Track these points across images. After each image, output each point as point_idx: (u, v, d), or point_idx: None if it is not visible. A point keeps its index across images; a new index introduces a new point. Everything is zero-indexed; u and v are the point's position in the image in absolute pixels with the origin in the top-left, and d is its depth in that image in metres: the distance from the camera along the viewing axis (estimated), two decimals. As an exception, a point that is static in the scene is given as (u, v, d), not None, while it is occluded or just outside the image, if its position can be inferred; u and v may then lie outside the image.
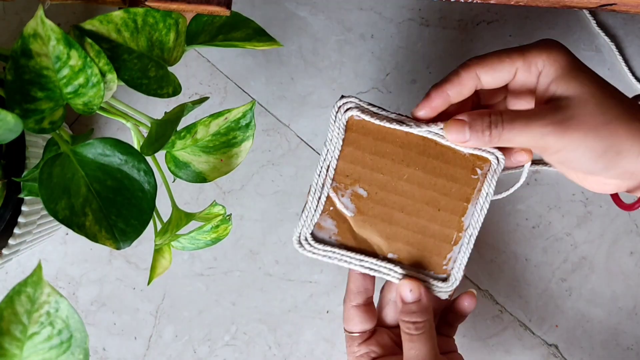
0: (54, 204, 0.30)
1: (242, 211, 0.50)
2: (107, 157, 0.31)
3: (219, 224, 0.38)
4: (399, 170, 0.39)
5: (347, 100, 0.39)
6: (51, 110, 0.30)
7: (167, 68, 0.34)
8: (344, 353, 0.49)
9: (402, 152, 0.39)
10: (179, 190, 0.49)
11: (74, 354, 0.27)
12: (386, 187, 0.39)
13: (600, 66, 0.51)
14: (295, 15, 0.51)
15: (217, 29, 0.38)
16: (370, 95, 0.51)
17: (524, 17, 0.52)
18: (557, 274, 0.50)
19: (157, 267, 0.37)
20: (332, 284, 0.49)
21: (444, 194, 0.39)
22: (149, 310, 0.49)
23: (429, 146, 0.39)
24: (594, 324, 0.49)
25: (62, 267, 0.49)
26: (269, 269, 0.49)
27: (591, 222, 0.50)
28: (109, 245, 0.31)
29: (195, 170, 0.38)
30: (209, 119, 0.36)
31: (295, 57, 0.51)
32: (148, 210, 0.32)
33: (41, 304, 0.26)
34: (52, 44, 0.28)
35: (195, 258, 0.49)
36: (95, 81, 0.29)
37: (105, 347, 0.49)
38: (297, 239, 0.39)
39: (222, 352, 0.49)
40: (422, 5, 0.51)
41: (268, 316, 0.49)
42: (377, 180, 0.39)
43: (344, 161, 0.40)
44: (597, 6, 0.40)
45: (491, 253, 0.50)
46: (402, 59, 0.51)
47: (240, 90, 0.51)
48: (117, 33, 0.31)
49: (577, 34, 0.52)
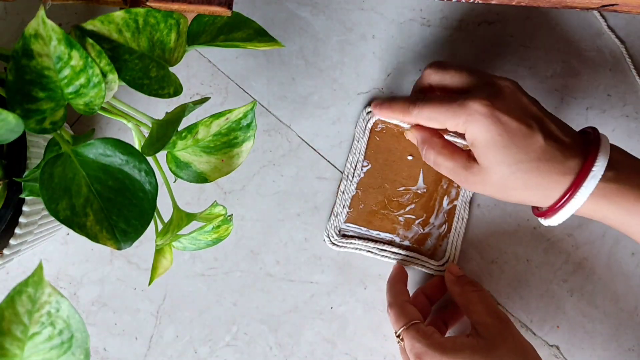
0: (55, 204, 0.30)
1: (243, 211, 0.50)
2: (108, 157, 0.31)
3: (220, 224, 0.38)
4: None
5: (370, 110, 0.50)
6: (52, 111, 0.30)
7: (168, 68, 0.34)
8: (344, 354, 0.49)
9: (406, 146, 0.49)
10: (180, 191, 0.49)
11: (75, 354, 0.27)
12: (397, 180, 0.49)
13: (602, 67, 0.51)
14: (296, 16, 0.51)
15: (218, 30, 0.38)
16: (371, 95, 0.51)
17: (525, 17, 0.52)
18: (559, 274, 0.50)
19: (158, 267, 0.37)
20: (333, 284, 0.49)
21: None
22: (150, 311, 0.49)
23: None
24: (595, 325, 0.49)
25: (63, 267, 0.49)
26: (270, 270, 0.49)
27: (592, 223, 0.50)
28: (110, 245, 0.31)
29: (196, 170, 0.38)
30: (210, 119, 0.36)
31: (296, 58, 0.51)
32: (149, 210, 0.32)
33: (42, 304, 0.26)
34: (53, 44, 0.28)
35: (196, 258, 0.49)
36: (97, 81, 0.29)
37: (106, 347, 0.49)
38: (327, 237, 0.49)
39: (223, 352, 0.49)
40: (424, 6, 0.51)
41: (269, 316, 0.49)
42: (390, 175, 0.49)
43: (369, 161, 0.50)
44: (599, 7, 0.40)
45: (492, 254, 0.50)
46: (404, 59, 0.51)
47: (242, 90, 0.51)
48: (119, 33, 0.31)
49: (579, 34, 0.51)
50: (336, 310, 0.49)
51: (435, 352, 0.40)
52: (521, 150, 0.38)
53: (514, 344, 0.40)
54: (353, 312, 0.49)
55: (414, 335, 0.42)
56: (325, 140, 0.50)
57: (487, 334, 0.41)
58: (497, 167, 0.39)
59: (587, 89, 0.51)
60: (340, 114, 0.51)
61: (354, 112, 0.51)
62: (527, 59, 0.51)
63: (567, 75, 0.51)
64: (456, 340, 0.41)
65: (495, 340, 0.40)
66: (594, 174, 0.37)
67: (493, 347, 0.40)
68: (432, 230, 0.49)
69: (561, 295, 0.49)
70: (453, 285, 0.46)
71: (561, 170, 0.38)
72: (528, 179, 0.39)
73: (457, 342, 0.40)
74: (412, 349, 0.41)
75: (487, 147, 0.39)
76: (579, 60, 0.51)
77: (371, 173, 0.49)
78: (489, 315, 0.42)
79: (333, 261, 0.50)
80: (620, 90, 0.51)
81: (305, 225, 0.50)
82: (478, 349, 0.40)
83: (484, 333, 0.41)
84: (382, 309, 0.49)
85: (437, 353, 0.40)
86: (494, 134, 0.38)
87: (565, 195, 0.38)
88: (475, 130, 0.39)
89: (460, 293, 0.45)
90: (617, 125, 0.51)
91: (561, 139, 0.39)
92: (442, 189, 0.49)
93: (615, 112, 0.51)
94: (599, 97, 0.51)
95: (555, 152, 0.38)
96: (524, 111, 0.39)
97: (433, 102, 0.41)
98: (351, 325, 0.49)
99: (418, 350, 0.41)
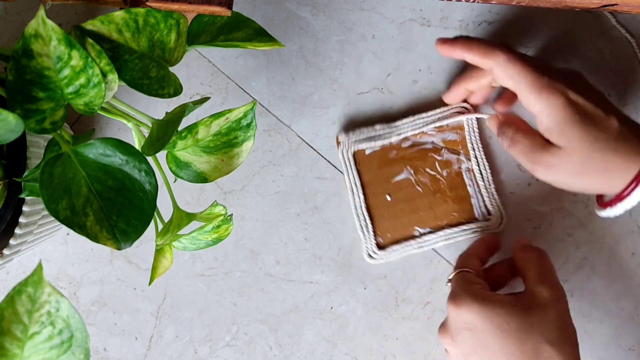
0: (55, 204, 0.30)
1: (243, 211, 0.50)
2: (108, 157, 0.31)
3: (220, 224, 0.38)
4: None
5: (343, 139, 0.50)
6: (52, 111, 0.30)
7: (168, 68, 0.34)
8: (345, 354, 0.49)
9: (399, 160, 0.50)
10: (180, 191, 0.49)
11: (75, 353, 0.27)
12: (401, 188, 0.50)
13: (602, 67, 0.51)
14: (296, 16, 0.51)
15: (218, 30, 0.38)
16: (371, 95, 0.51)
17: (526, 17, 0.52)
18: (559, 274, 0.49)
19: (158, 267, 0.37)
20: (333, 284, 0.49)
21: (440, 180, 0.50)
22: (150, 311, 0.49)
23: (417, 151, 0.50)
24: (595, 324, 0.49)
25: (63, 267, 0.49)
26: (270, 270, 0.49)
27: (593, 223, 0.50)
28: (110, 245, 0.31)
29: (196, 170, 0.38)
30: (210, 119, 0.36)
31: (296, 58, 0.51)
32: (149, 210, 0.32)
33: (42, 303, 0.26)
34: (53, 44, 0.28)
35: (196, 258, 0.49)
36: (97, 81, 0.29)
37: (106, 347, 0.49)
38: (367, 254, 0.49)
39: (222, 352, 0.49)
40: (424, 6, 0.51)
41: (269, 316, 0.49)
42: (394, 185, 0.50)
43: (367, 185, 0.50)
44: (599, 7, 0.40)
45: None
46: (403, 59, 0.51)
47: (242, 90, 0.51)
48: (119, 33, 0.31)
49: (579, 34, 0.51)
50: (336, 310, 0.49)
51: (467, 296, 0.40)
52: (599, 129, 0.39)
53: (554, 317, 0.39)
54: (353, 312, 0.49)
55: (458, 280, 0.42)
56: (325, 140, 0.50)
57: (532, 301, 0.40)
58: (577, 144, 0.39)
59: (587, 89, 0.51)
60: (340, 114, 0.51)
61: (354, 112, 0.51)
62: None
63: (567, 75, 0.51)
64: (494, 295, 0.40)
65: (537, 308, 0.39)
66: None
67: (531, 313, 0.39)
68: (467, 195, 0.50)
69: (561, 295, 0.49)
70: (517, 251, 0.45)
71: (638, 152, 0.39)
72: (606, 159, 0.39)
73: (495, 296, 0.40)
74: (451, 292, 0.42)
75: (566, 125, 0.39)
76: (579, 60, 0.51)
77: (373, 193, 0.50)
78: (542, 280, 0.41)
79: (333, 261, 0.50)
80: (620, 90, 0.51)
81: (305, 225, 0.50)
82: (512, 308, 0.39)
83: (529, 298, 0.40)
84: (382, 309, 0.49)
85: (469, 298, 0.40)
86: (572, 112, 0.39)
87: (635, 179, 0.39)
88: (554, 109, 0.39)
89: (521, 257, 0.44)
90: (617, 125, 0.51)
91: (634, 124, 0.40)
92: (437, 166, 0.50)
93: (615, 112, 0.51)
94: (599, 97, 0.51)
95: (631, 135, 0.39)
96: (596, 97, 0.40)
97: (522, 62, 0.41)
98: (351, 325, 0.49)
99: (454, 292, 0.41)
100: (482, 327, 0.39)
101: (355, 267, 0.50)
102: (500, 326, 0.38)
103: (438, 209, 0.50)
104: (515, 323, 0.38)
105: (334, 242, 0.50)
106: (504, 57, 0.41)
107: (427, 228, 0.49)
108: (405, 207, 0.50)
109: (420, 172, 0.50)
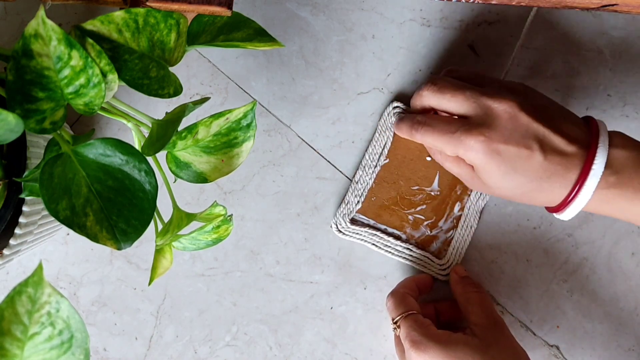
0: (55, 204, 0.30)
1: (243, 211, 0.50)
2: (108, 157, 0.31)
3: (220, 224, 0.38)
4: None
5: (395, 105, 0.50)
6: (52, 111, 0.30)
7: (168, 68, 0.34)
8: (345, 354, 0.49)
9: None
10: (180, 191, 0.49)
11: (75, 354, 0.27)
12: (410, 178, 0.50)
13: (602, 67, 0.51)
14: (296, 16, 0.51)
15: (218, 30, 0.38)
16: (371, 95, 0.51)
17: (526, 17, 0.52)
18: (559, 274, 0.50)
19: (158, 267, 0.37)
20: (333, 284, 0.49)
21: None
22: (150, 311, 0.49)
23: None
24: (595, 324, 0.49)
25: (63, 268, 0.49)
26: (270, 270, 0.49)
27: (592, 223, 0.50)
28: (110, 245, 0.31)
29: (196, 170, 0.38)
30: (210, 119, 0.36)
31: (296, 58, 0.51)
32: (149, 210, 0.32)
33: (42, 304, 0.26)
34: (53, 44, 0.28)
35: (196, 258, 0.49)
36: (97, 81, 0.29)
37: (106, 347, 0.49)
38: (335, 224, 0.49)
39: (222, 352, 0.49)
40: (424, 6, 0.51)
41: (269, 317, 0.49)
42: (406, 173, 0.50)
43: (388, 155, 0.50)
44: (599, 7, 0.40)
45: (492, 254, 0.50)
46: (403, 59, 0.51)
47: (242, 90, 0.51)
48: (118, 33, 0.31)
49: (579, 34, 0.51)
50: (336, 310, 0.49)
51: (430, 341, 0.41)
52: (521, 174, 0.39)
53: (507, 346, 0.42)
54: (353, 312, 0.49)
55: (412, 324, 0.43)
56: (325, 140, 0.50)
57: (482, 335, 0.42)
58: (499, 190, 0.41)
59: (587, 89, 0.51)
60: (340, 114, 0.51)
61: (354, 112, 0.51)
62: (527, 59, 0.51)
63: (567, 75, 0.51)
64: (452, 335, 0.42)
65: (489, 341, 0.41)
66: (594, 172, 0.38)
67: (486, 347, 0.41)
68: (439, 234, 0.49)
69: (561, 295, 0.49)
70: (456, 285, 0.47)
71: (563, 183, 0.40)
72: (531, 195, 0.41)
73: (453, 336, 0.42)
74: (408, 337, 0.42)
75: (487, 176, 0.41)
76: (579, 60, 0.51)
77: (388, 168, 0.50)
78: (486, 317, 0.43)
79: (333, 261, 0.50)
80: (620, 90, 0.51)
81: (305, 225, 0.50)
82: (472, 346, 0.41)
83: (478, 333, 0.42)
84: (382, 309, 0.49)
85: (432, 343, 0.41)
86: (492, 165, 0.40)
87: (570, 195, 0.40)
88: (474, 162, 0.41)
89: (462, 293, 0.46)
90: (617, 125, 0.51)
91: (563, 151, 0.39)
92: (455, 194, 0.49)
93: (615, 112, 0.51)
94: (599, 97, 0.51)
95: (557, 167, 0.39)
96: (523, 133, 0.39)
97: (433, 130, 0.42)
98: (351, 325, 0.49)
99: (414, 339, 0.42)
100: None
101: (355, 267, 0.50)
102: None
103: (420, 223, 0.50)
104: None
105: (334, 242, 0.50)
106: (419, 136, 0.43)
107: (400, 232, 0.50)
108: (405, 206, 0.50)
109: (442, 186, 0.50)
